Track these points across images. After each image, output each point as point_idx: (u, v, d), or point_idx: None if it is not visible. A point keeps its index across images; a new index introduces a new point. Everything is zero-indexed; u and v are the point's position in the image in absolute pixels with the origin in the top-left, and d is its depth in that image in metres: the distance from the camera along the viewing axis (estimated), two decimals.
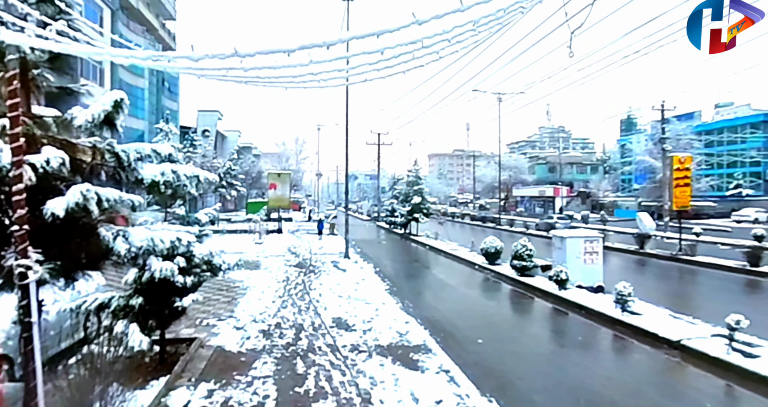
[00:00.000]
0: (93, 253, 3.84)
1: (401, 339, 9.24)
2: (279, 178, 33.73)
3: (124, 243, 3.97)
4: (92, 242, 3.83)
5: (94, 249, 3.84)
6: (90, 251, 3.82)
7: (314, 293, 13.31)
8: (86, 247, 3.82)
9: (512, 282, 16.49)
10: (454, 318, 11.69)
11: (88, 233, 3.89)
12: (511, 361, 8.60)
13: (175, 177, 4.54)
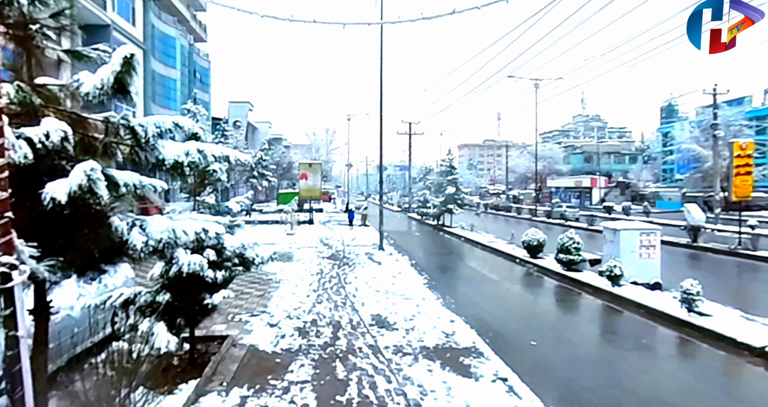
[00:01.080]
0: (103, 247, 3.17)
1: (448, 339, 8.44)
2: (310, 168, 33.21)
3: (140, 235, 3.30)
4: (102, 234, 3.17)
5: (105, 242, 3.18)
6: (99, 245, 3.16)
7: (350, 288, 12.63)
8: (95, 240, 3.15)
9: (558, 277, 15.46)
10: (501, 316, 10.82)
11: (98, 223, 3.23)
12: (572, 367, 7.70)
13: (201, 157, 3.85)
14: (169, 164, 3.74)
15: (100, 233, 3.19)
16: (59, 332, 6.62)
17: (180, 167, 3.79)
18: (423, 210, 39.44)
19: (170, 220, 3.58)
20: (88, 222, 3.24)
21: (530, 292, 14.13)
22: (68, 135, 3.06)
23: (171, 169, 3.77)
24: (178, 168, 3.77)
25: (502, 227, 34.44)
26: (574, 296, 13.33)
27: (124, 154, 3.80)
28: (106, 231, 3.22)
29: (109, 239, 3.23)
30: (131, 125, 3.58)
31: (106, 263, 3.64)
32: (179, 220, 3.87)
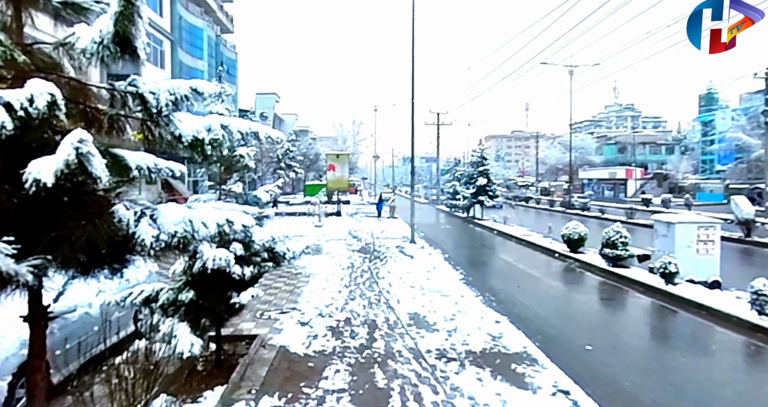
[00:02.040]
0: (103, 242, 2.52)
1: (495, 343, 7.66)
2: (338, 159, 32.59)
3: (150, 228, 2.65)
4: (102, 226, 2.52)
5: (105, 236, 2.53)
6: (99, 239, 2.51)
7: (383, 283, 11.94)
8: (94, 233, 2.51)
9: (603, 273, 14.45)
10: (547, 316, 9.97)
11: (96, 212, 2.58)
12: (637, 377, 6.83)
13: (225, 134, 3.18)
14: (188, 142, 3.07)
15: (98, 225, 2.53)
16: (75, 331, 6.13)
17: (200, 145, 3.12)
18: (452, 202, 38.47)
19: (187, 209, 2.91)
20: (85, 211, 2.60)
21: (574, 289, 13.18)
22: (57, 99, 2.40)
23: (190, 147, 3.10)
24: (198, 146, 3.10)
25: (533, 219, 33.24)
26: (623, 294, 12.35)
27: (134, 129, 3.15)
28: (107, 222, 2.57)
29: (111, 233, 2.57)
30: (141, 92, 2.92)
31: (114, 262, 3.00)
32: (197, 209, 3.22)
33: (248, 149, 8.50)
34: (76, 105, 2.96)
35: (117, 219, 2.59)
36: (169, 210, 2.81)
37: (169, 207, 2.87)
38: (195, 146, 3.10)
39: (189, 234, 2.70)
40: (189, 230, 2.70)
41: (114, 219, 2.58)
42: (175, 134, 3.09)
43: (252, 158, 8.59)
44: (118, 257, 2.99)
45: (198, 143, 3.11)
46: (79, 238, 2.49)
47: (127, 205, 2.74)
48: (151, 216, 2.75)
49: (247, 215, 3.09)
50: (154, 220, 2.73)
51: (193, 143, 3.10)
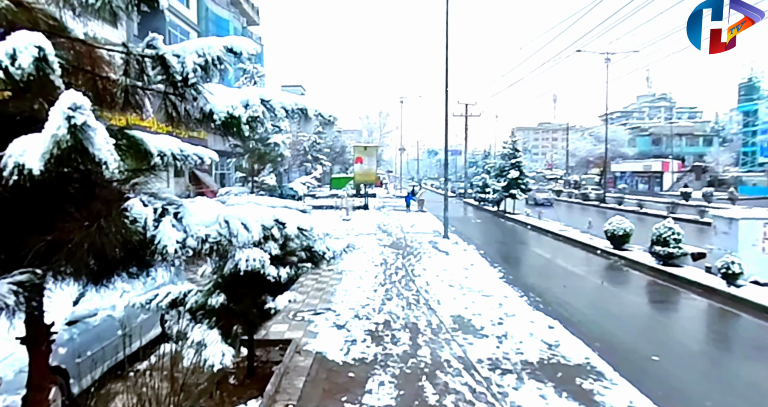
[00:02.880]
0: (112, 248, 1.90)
1: (553, 352, 6.90)
2: (365, 151, 31.84)
3: (174, 230, 2.02)
4: (110, 228, 1.90)
5: (115, 241, 1.90)
6: (106, 245, 1.88)
7: (420, 281, 11.24)
8: (101, 237, 1.88)
9: (653, 272, 13.46)
10: (602, 321, 9.14)
11: (103, 209, 1.95)
12: (720, 395, 6.01)
13: (267, 110, 2.53)
14: (221, 120, 2.42)
15: (104, 227, 1.91)
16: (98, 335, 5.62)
17: (236, 124, 2.46)
18: (480, 195, 37.44)
19: (222, 206, 2.27)
20: (88, 208, 1.97)
21: (625, 290, 12.25)
22: (47, 55, 1.77)
23: (223, 127, 2.45)
24: (233, 126, 2.45)
25: (566, 213, 31.99)
26: (678, 295, 11.40)
27: (154, 104, 2.52)
28: (118, 223, 1.94)
29: (122, 237, 1.95)
30: (161, 53, 2.27)
31: (130, 268, 2.39)
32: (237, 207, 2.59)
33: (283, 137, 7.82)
34: (83, 73, 2.34)
35: (131, 219, 1.97)
36: (198, 208, 2.17)
37: (199, 203, 2.23)
38: (230, 125, 2.45)
39: (225, 239, 2.05)
40: (225, 233, 2.05)
41: (127, 219, 1.96)
42: (205, 111, 2.44)
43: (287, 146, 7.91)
44: (135, 264, 2.37)
45: (233, 121, 2.45)
46: (79, 244, 1.87)
47: (144, 200, 2.11)
48: (175, 215, 2.11)
49: (304, 215, 2.40)
50: (179, 220, 2.10)
51: (228, 121, 2.44)
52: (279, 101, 2.64)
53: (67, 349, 5.01)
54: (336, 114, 2.78)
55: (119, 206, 2.00)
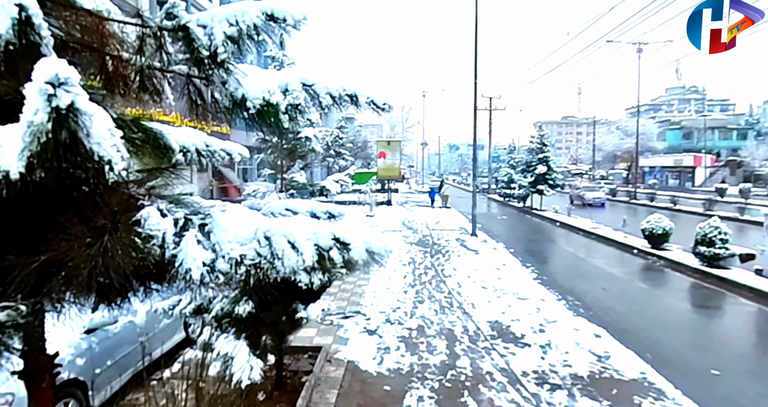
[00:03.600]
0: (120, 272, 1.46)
1: (604, 365, 6.33)
2: (389, 146, 31.30)
3: (199, 249, 1.58)
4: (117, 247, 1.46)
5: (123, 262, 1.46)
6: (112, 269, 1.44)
7: (451, 282, 10.74)
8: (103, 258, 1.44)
9: (697, 274, 12.66)
10: (650, 328, 8.49)
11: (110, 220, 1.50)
12: None
13: (309, 97, 2.08)
14: (255, 108, 1.97)
15: (109, 247, 1.46)
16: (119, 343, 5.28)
17: (273, 114, 2.01)
18: (505, 191, 36.58)
19: (259, 216, 1.82)
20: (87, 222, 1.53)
21: (669, 293, 11.52)
22: (30, 17, 1.33)
23: (258, 117, 1.99)
24: (269, 115, 1.99)
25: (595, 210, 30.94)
26: (728, 300, 10.64)
27: (175, 89, 2.09)
28: (127, 241, 1.50)
29: (134, 257, 1.51)
30: (184, 24, 1.83)
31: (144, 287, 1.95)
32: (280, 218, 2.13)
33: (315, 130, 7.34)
34: (90, 52, 1.90)
35: (144, 235, 1.53)
36: (231, 219, 1.70)
37: (232, 213, 1.76)
38: (266, 114, 1.99)
39: (265, 262, 1.60)
40: (265, 254, 1.60)
41: (139, 236, 1.52)
42: (236, 97, 1.99)
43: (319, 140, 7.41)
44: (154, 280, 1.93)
45: (270, 110, 2.00)
46: (76, 268, 1.44)
47: (163, 208, 1.68)
48: (201, 228, 1.67)
49: (380, 236, 1.88)
50: (207, 235, 1.65)
51: (264, 110, 1.98)
52: (324, 86, 2.17)
53: (86, 359, 4.66)
54: (391, 102, 2.30)
55: (130, 217, 1.56)
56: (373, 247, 1.75)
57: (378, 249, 1.76)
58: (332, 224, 1.80)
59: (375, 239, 1.79)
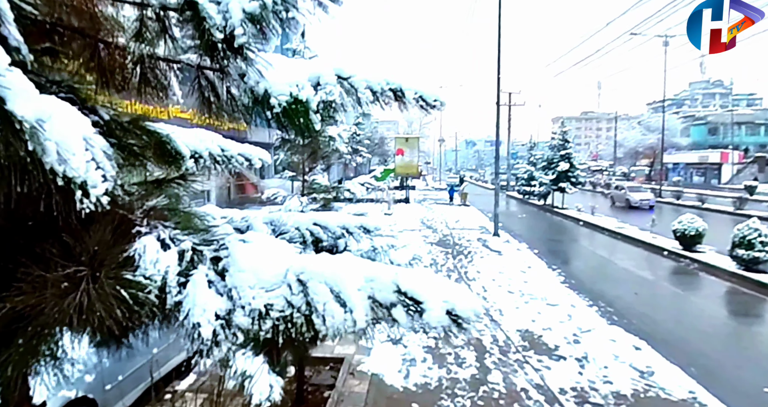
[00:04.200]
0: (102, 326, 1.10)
1: (648, 383, 5.85)
2: (407, 143, 30.81)
3: (212, 294, 1.20)
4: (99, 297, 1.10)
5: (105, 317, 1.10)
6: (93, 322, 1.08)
7: (475, 286, 10.30)
8: (83, 310, 1.08)
9: (734, 279, 11.99)
10: (692, 339, 7.96)
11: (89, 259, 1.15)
12: None
13: (346, 92, 1.71)
14: (280, 106, 1.59)
15: (91, 296, 1.08)
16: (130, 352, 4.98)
17: (302, 113, 1.62)
18: (525, 189, 35.81)
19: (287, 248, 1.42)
20: (63, 261, 1.16)
21: (707, 299, 10.90)
22: None
23: (283, 116, 1.61)
24: (297, 115, 1.60)
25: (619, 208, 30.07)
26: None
27: (184, 83, 1.71)
28: (114, 285, 1.12)
29: (123, 304, 1.13)
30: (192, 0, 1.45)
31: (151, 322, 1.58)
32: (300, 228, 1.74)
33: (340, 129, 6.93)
34: (79, 39, 1.53)
35: (137, 274, 1.16)
36: (252, 253, 1.31)
37: (254, 245, 1.37)
38: (293, 114, 1.60)
39: (299, 316, 1.22)
40: (299, 304, 1.20)
41: (129, 281, 1.15)
42: (257, 92, 1.60)
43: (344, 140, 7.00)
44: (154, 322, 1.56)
45: (298, 109, 1.61)
46: (47, 324, 1.07)
47: (164, 237, 1.30)
48: (213, 263, 1.29)
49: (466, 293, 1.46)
50: (222, 274, 1.28)
51: (290, 108, 1.59)
52: (363, 79, 1.77)
53: (95, 376, 4.36)
54: (443, 98, 1.89)
55: (117, 255, 1.20)
56: (458, 309, 1.27)
57: (464, 312, 1.29)
58: (395, 269, 1.35)
59: (459, 296, 1.28)
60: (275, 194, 6.89)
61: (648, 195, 30.04)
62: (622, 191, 31.37)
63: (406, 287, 1.25)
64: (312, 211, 6.12)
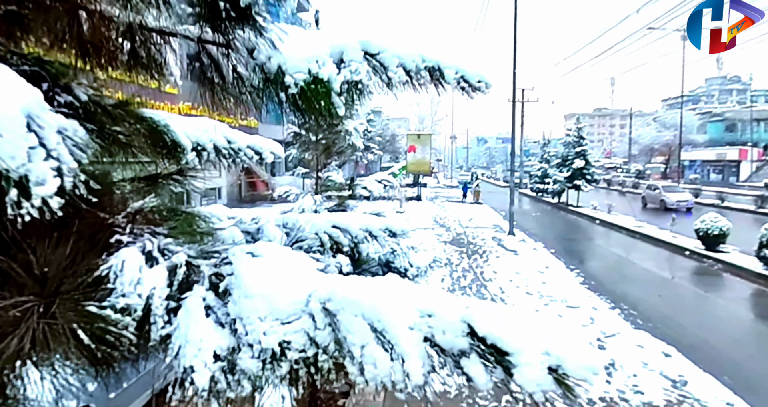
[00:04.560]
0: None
1: (682, 393, 5.51)
2: (419, 140, 30.41)
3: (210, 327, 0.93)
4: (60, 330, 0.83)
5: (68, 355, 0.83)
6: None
7: (493, 287, 9.97)
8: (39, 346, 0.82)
9: (761, 280, 11.54)
10: (721, 344, 7.58)
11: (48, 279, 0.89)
12: None
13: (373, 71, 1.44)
14: (297, 86, 1.30)
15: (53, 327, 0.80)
16: None
17: (322, 95, 1.33)
18: (539, 186, 35.27)
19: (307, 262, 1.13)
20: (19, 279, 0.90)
21: (733, 302, 10.46)
22: None
23: (300, 99, 1.33)
24: (318, 97, 1.32)
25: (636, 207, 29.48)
26: None
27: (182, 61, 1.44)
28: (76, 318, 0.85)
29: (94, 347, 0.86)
30: None
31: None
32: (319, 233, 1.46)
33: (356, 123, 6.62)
34: (57, 3, 1.26)
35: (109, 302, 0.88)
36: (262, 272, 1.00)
37: (265, 261, 1.08)
38: (312, 95, 1.31)
39: (327, 359, 0.92)
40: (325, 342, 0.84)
41: (97, 316, 0.87)
42: (269, 69, 1.32)
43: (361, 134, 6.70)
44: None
45: (318, 89, 1.32)
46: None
47: (151, 247, 1.02)
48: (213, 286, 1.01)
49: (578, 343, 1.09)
50: (224, 299, 0.99)
51: (309, 89, 1.31)
52: (395, 55, 1.47)
53: (97, 384, 4.13)
54: (488, 78, 1.59)
55: (88, 270, 0.92)
56: (566, 365, 0.91)
57: (576, 370, 0.94)
58: (462, 302, 0.99)
59: (566, 344, 0.93)
60: (287, 191, 6.63)
61: (686, 196, 27.03)
62: (656, 191, 28.23)
63: (484, 328, 0.90)
64: (326, 210, 5.86)
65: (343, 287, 0.96)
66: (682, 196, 26.74)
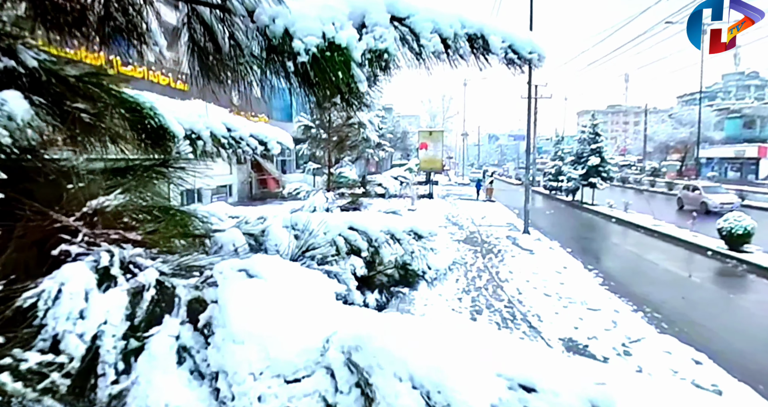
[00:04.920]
0: None
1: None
2: (431, 136, 30.03)
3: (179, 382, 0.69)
4: None
5: None
6: None
7: (509, 288, 9.64)
8: None
9: None
10: (752, 351, 7.20)
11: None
12: None
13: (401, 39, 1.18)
14: (308, 53, 1.03)
15: None
16: None
17: (340, 64, 1.06)
18: (552, 184, 34.70)
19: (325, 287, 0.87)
20: None
21: (761, 305, 10.02)
22: None
23: (313, 70, 1.06)
24: (334, 68, 1.04)
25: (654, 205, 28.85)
26: None
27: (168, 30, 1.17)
28: None
29: None
30: None
31: None
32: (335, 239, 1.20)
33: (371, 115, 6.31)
34: None
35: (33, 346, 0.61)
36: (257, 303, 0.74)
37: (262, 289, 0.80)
38: (327, 64, 1.04)
39: None
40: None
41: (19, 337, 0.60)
42: (273, 34, 1.04)
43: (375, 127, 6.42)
44: None
45: (335, 58, 1.04)
46: None
47: (107, 260, 0.75)
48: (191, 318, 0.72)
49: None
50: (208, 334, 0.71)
51: (323, 56, 1.04)
52: (427, 18, 1.18)
53: None
54: (543, 49, 1.30)
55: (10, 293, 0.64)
56: None
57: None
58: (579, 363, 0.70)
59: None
60: (297, 188, 6.37)
61: (732, 198, 24.15)
62: (696, 192, 25.28)
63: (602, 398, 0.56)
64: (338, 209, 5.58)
65: (377, 328, 0.64)
66: (726, 198, 24.14)
